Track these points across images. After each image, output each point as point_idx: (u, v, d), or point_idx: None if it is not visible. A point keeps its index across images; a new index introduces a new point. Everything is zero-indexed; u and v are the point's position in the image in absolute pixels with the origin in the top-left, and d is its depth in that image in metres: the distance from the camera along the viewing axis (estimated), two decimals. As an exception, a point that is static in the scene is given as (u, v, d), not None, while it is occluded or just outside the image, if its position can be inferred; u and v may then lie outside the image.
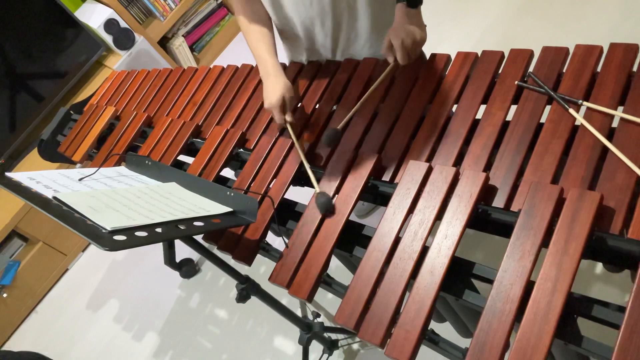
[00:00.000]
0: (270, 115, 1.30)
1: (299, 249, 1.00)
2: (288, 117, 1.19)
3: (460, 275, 0.88)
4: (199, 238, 1.08)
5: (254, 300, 1.31)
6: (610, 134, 0.86)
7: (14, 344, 2.67)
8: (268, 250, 1.12)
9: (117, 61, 2.91)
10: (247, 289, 1.27)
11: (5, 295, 2.63)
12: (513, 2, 2.46)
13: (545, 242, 0.77)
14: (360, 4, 1.23)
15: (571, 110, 0.92)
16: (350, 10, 1.24)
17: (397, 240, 0.90)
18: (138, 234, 0.82)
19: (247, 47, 1.30)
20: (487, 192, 0.90)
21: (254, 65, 1.50)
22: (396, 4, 1.13)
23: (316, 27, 1.29)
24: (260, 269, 2.12)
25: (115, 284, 2.60)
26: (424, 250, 0.86)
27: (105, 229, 0.80)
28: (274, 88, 1.19)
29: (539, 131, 0.93)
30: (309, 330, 1.54)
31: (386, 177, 1.04)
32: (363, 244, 0.99)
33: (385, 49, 1.12)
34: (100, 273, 2.70)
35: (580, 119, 0.90)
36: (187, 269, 2.33)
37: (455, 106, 1.07)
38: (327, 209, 1.01)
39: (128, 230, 0.81)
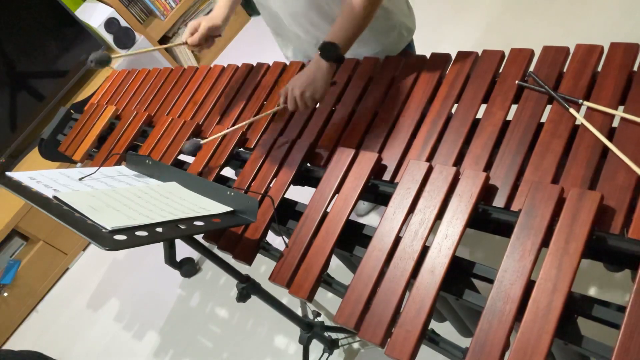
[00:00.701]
0: (269, 115, 1.30)
1: (299, 249, 1.00)
2: (190, 40, 1.30)
3: (461, 275, 0.88)
4: (199, 237, 1.08)
5: (254, 300, 1.31)
6: (610, 134, 0.86)
7: (15, 343, 2.67)
8: (268, 250, 1.12)
9: (118, 60, 2.91)
10: (248, 288, 1.27)
11: (5, 294, 2.63)
12: (514, 2, 2.46)
13: (545, 242, 0.77)
14: (333, 7, 1.24)
15: (572, 110, 0.92)
16: (328, 5, 1.24)
17: (397, 240, 0.90)
18: (138, 233, 0.82)
19: (247, 46, 1.33)
20: (487, 191, 0.90)
21: (254, 65, 1.50)
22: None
23: (295, 22, 1.30)
24: (261, 269, 2.12)
25: (116, 283, 2.60)
26: (425, 249, 0.86)
27: (106, 229, 0.80)
28: (207, 16, 1.31)
29: (540, 131, 0.93)
30: (309, 330, 1.54)
31: (386, 177, 1.04)
32: (363, 244, 0.99)
33: (282, 90, 1.15)
34: (101, 272, 2.70)
35: (580, 119, 0.90)
36: (188, 268, 2.34)
37: (455, 106, 1.07)
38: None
39: (128, 230, 0.82)
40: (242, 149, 1.29)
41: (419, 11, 1.50)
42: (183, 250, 1.41)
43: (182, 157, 1.40)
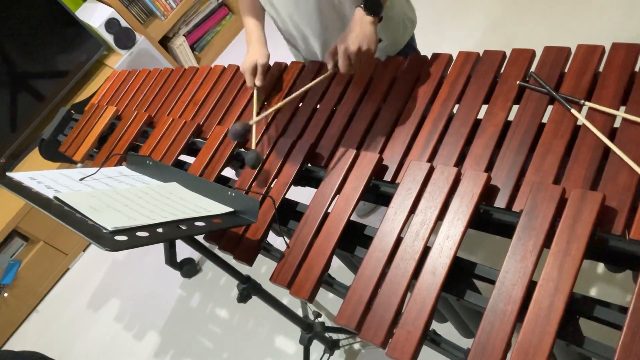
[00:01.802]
0: (270, 115, 1.30)
1: (300, 249, 0.99)
2: (257, 81, 1.31)
3: (462, 276, 0.88)
4: (200, 238, 1.08)
5: (254, 300, 1.31)
6: (612, 134, 0.86)
7: (15, 344, 2.67)
8: (269, 250, 1.12)
9: (118, 61, 2.91)
10: (248, 288, 1.27)
11: (6, 294, 2.63)
12: (515, 2, 2.46)
13: (547, 243, 0.77)
14: (348, 8, 1.24)
15: (573, 111, 0.91)
16: (337, 13, 1.25)
17: (398, 241, 0.89)
18: (139, 234, 0.81)
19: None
20: (488, 192, 0.90)
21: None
22: (355, 9, 1.07)
23: (305, 28, 1.31)
24: (262, 269, 2.12)
25: (116, 283, 2.60)
26: (426, 250, 0.86)
27: (107, 229, 0.80)
28: (251, 54, 1.32)
29: (541, 131, 0.93)
30: (310, 330, 1.54)
31: (387, 177, 1.03)
32: (364, 244, 0.99)
33: (329, 53, 1.11)
34: (101, 272, 2.70)
35: (582, 119, 0.90)
36: (188, 268, 2.34)
37: (456, 106, 1.07)
38: (254, 165, 1.12)
39: (129, 231, 0.81)
40: (242, 149, 1.29)
41: (420, 12, 1.50)
42: (183, 250, 1.41)
43: (183, 157, 1.40)
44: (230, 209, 1.00)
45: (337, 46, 1.07)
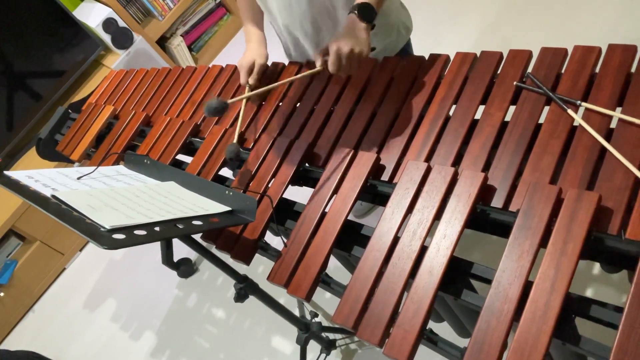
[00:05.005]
0: (269, 113, 1.30)
1: (298, 249, 1.00)
2: (251, 80, 1.31)
3: (459, 275, 0.88)
4: (197, 237, 1.08)
5: (251, 300, 1.31)
6: (608, 135, 0.87)
7: (11, 343, 2.66)
8: (267, 250, 1.12)
9: (116, 60, 2.90)
10: (245, 288, 1.27)
11: (2, 294, 2.62)
12: (512, 3, 2.47)
13: (543, 242, 0.77)
14: (341, 13, 1.24)
15: (570, 111, 0.92)
16: (330, 18, 1.26)
17: (395, 240, 0.90)
18: (137, 232, 0.81)
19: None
20: (485, 192, 0.90)
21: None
22: (348, 14, 1.07)
23: (298, 32, 1.31)
24: (259, 269, 2.12)
25: (113, 283, 2.59)
26: (423, 250, 0.86)
27: (104, 228, 0.80)
28: (250, 52, 1.33)
29: (538, 132, 0.93)
30: (306, 330, 1.54)
31: (385, 177, 1.04)
32: (362, 244, 1.00)
33: (319, 51, 1.10)
34: (98, 272, 2.70)
35: (578, 120, 0.90)
36: (185, 268, 2.33)
37: (454, 106, 1.07)
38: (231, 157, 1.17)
39: (127, 229, 0.81)
40: (240, 149, 1.29)
41: (418, 13, 1.51)
42: (180, 250, 1.41)
43: (180, 156, 1.40)
44: (227, 208, 1.00)
45: (328, 45, 1.06)
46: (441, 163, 0.99)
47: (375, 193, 1.05)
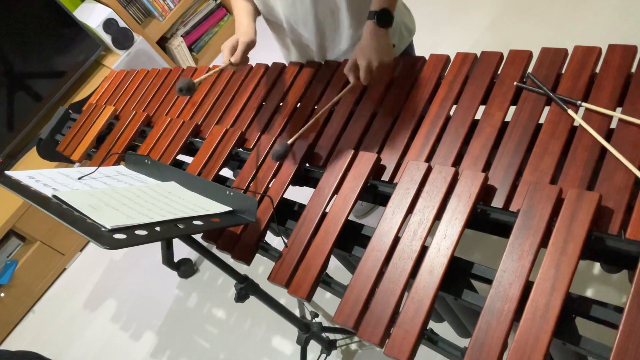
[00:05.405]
0: (269, 114, 1.31)
1: (298, 249, 1.00)
2: (233, 58, 1.22)
3: (459, 275, 0.88)
4: (198, 237, 1.08)
5: (251, 300, 1.31)
6: (608, 135, 0.87)
7: (11, 344, 2.66)
8: (267, 250, 1.12)
9: (116, 61, 2.90)
10: (246, 288, 1.27)
11: (2, 294, 2.62)
12: (512, 3, 2.47)
13: (544, 242, 0.77)
14: (344, 13, 1.25)
15: (570, 111, 0.92)
16: (333, 17, 1.26)
17: (396, 240, 0.90)
18: (138, 232, 0.82)
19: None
20: (486, 192, 0.90)
21: (253, 65, 1.51)
22: (367, 21, 1.10)
23: (301, 30, 1.31)
24: (259, 269, 2.12)
25: (113, 283, 2.60)
26: (423, 250, 0.86)
27: (105, 228, 0.80)
28: (235, 35, 1.24)
29: (538, 132, 0.93)
30: (307, 330, 1.54)
31: (385, 177, 1.04)
32: (362, 244, 1.00)
33: (349, 67, 1.12)
34: (98, 273, 2.70)
35: (578, 120, 0.90)
36: (185, 268, 2.33)
37: (454, 107, 1.07)
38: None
39: (128, 229, 0.82)
40: (241, 149, 1.29)
41: (418, 13, 1.51)
42: (181, 250, 1.41)
43: (181, 156, 1.40)
44: (228, 208, 1.00)
45: (356, 60, 1.10)
46: (442, 163, 0.99)
47: (375, 193, 1.05)
